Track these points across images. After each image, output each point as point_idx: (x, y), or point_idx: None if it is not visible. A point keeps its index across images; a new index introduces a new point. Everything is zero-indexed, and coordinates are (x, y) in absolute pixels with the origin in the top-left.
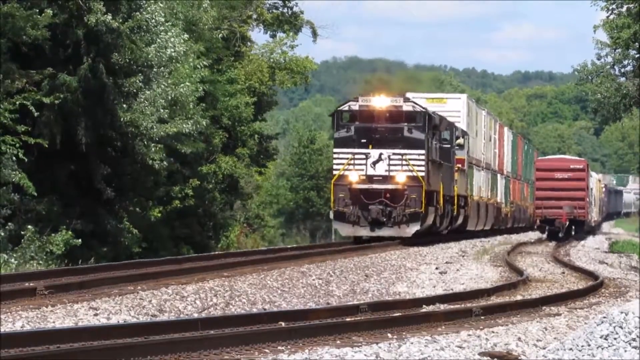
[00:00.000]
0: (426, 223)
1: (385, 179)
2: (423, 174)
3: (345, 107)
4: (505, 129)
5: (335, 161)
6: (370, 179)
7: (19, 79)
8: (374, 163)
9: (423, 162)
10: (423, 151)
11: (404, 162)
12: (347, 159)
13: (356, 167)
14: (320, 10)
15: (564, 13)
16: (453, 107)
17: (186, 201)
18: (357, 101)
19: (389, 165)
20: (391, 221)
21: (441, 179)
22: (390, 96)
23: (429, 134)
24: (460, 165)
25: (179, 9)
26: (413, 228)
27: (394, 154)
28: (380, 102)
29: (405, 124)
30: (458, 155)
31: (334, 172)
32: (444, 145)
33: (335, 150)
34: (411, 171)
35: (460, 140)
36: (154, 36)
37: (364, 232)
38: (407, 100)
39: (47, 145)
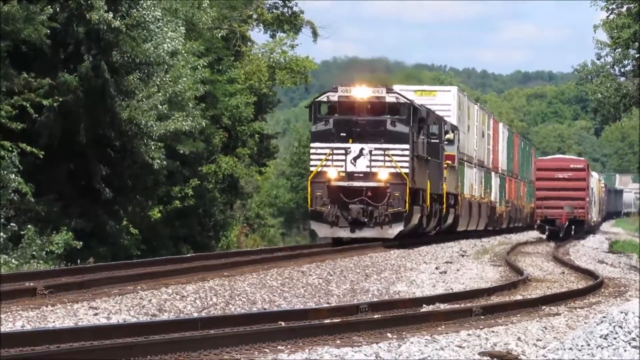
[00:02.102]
0: (411, 223)
1: (367, 175)
2: (407, 170)
3: (324, 98)
4: (500, 124)
5: (312, 157)
6: (350, 175)
7: (17, 84)
8: (355, 159)
9: (407, 158)
10: (407, 146)
11: (387, 158)
12: (326, 154)
13: (335, 163)
14: (320, 11)
15: (564, 13)
16: (443, 100)
17: (186, 201)
18: (337, 91)
19: (371, 161)
20: (373, 221)
21: (428, 176)
22: (373, 86)
23: (414, 128)
24: (449, 162)
25: (179, 8)
26: (396, 229)
27: (375, 148)
28: (361, 92)
29: (388, 116)
30: (447, 151)
31: (311, 169)
32: (432, 140)
33: (312, 145)
34: (394, 167)
35: (450, 135)
36: (152, 33)
37: (344, 233)
38: (390, 90)
39: (41, 156)
